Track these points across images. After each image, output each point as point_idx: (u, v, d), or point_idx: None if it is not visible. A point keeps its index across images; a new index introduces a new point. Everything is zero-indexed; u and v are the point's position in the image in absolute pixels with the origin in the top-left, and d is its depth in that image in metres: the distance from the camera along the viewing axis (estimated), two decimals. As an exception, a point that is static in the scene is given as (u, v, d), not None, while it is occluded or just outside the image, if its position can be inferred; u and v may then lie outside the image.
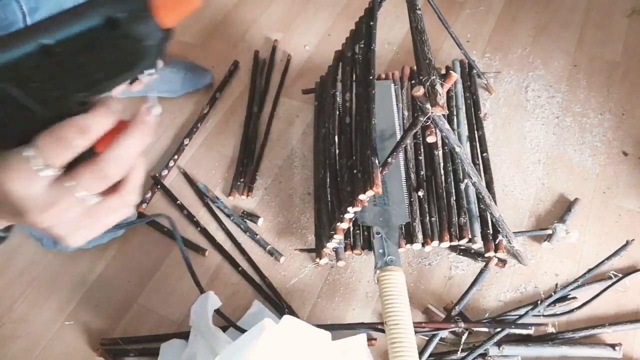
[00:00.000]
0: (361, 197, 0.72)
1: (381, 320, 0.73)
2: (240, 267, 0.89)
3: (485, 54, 1.18)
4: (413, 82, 1.03)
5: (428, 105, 0.60)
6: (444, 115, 0.63)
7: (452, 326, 0.78)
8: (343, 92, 0.93)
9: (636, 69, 1.14)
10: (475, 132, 0.97)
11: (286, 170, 1.02)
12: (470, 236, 0.84)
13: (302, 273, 0.90)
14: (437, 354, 0.79)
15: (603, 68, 1.14)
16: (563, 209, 0.94)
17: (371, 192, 0.70)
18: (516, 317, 0.80)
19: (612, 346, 0.78)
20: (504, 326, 0.78)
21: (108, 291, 0.88)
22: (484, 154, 0.95)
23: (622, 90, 1.10)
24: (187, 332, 0.76)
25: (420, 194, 0.88)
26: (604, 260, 0.86)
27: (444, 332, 0.79)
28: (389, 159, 0.70)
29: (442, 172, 0.90)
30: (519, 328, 0.78)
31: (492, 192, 0.89)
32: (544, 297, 0.83)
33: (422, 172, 0.90)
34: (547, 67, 1.15)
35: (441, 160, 0.92)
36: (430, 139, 0.66)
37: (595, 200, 0.96)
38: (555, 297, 0.81)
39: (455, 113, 0.98)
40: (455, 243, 0.84)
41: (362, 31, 0.89)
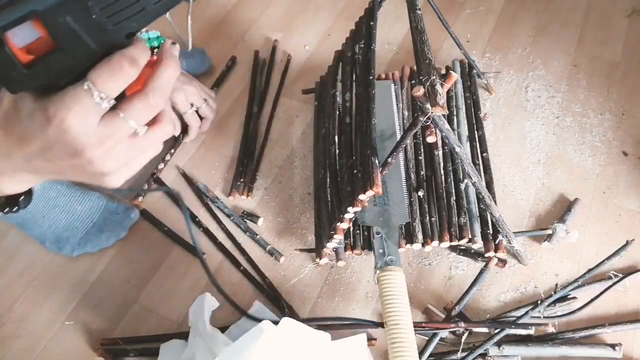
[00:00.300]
0: (361, 197, 0.72)
1: (381, 320, 0.73)
2: (242, 267, 0.89)
3: (485, 54, 1.18)
4: (413, 82, 1.03)
5: (428, 105, 0.60)
6: (444, 115, 0.63)
7: (452, 326, 0.78)
8: (343, 92, 0.93)
9: (636, 69, 1.14)
10: (475, 132, 0.97)
11: (286, 170, 1.02)
12: (470, 236, 0.84)
13: (302, 273, 0.90)
14: (437, 354, 0.79)
15: (603, 68, 1.14)
16: (563, 209, 0.94)
17: (371, 192, 0.70)
18: (516, 317, 0.80)
19: (612, 346, 0.78)
20: (504, 326, 0.78)
21: (108, 291, 0.88)
22: (484, 154, 0.95)
23: (622, 90, 1.10)
24: (186, 332, 0.76)
25: (420, 194, 0.88)
26: (604, 260, 0.86)
27: (444, 332, 0.79)
28: (389, 159, 0.70)
29: (442, 172, 0.90)
30: (519, 328, 0.78)
31: (492, 192, 0.89)
32: (544, 297, 0.83)
33: (422, 172, 0.90)
34: (547, 67, 1.15)
35: (441, 160, 0.92)
36: (430, 139, 0.66)
37: (595, 200, 0.96)
38: (555, 297, 0.81)
39: (455, 113, 0.98)
40: (455, 243, 0.84)
41: (362, 31, 0.89)
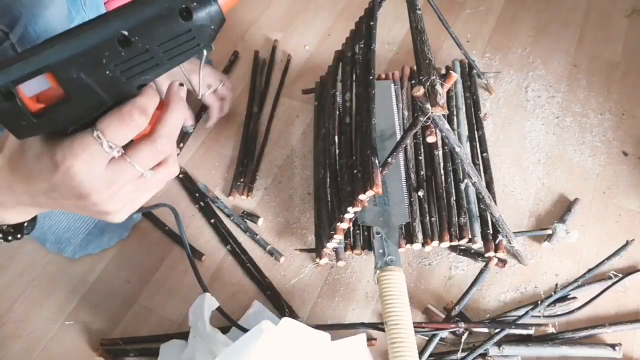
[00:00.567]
0: (361, 197, 0.72)
1: (381, 320, 0.73)
2: (247, 264, 0.89)
3: (485, 54, 1.18)
4: (413, 82, 1.03)
5: (428, 105, 0.60)
6: (444, 115, 0.63)
7: (452, 326, 0.78)
8: (343, 92, 0.93)
9: (636, 69, 1.14)
10: (475, 132, 0.97)
11: (286, 170, 1.02)
12: (470, 236, 0.84)
13: (302, 273, 0.90)
14: (437, 354, 0.79)
15: (603, 68, 1.14)
16: (563, 209, 0.94)
17: (371, 192, 0.70)
18: (516, 317, 0.80)
19: (612, 346, 0.78)
20: (504, 326, 0.78)
21: (108, 291, 0.89)
22: (484, 154, 0.95)
23: (622, 90, 1.10)
24: (187, 332, 0.76)
25: (420, 194, 0.88)
26: (604, 260, 0.86)
27: (444, 332, 0.79)
28: (389, 159, 0.70)
29: (442, 172, 0.90)
30: (519, 328, 0.78)
31: (492, 192, 0.89)
32: (544, 297, 0.83)
33: (422, 172, 0.90)
34: (547, 67, 1.15)
35: (441, 160, 0.92)
36: (430, 139, 0.66)
37: (595, 200, 0.96)
38: (555, 297, 0.81)
39: (455, 113, 0.98)
40: (455, 243, 0.84)
41: (362, 31, 0.89)
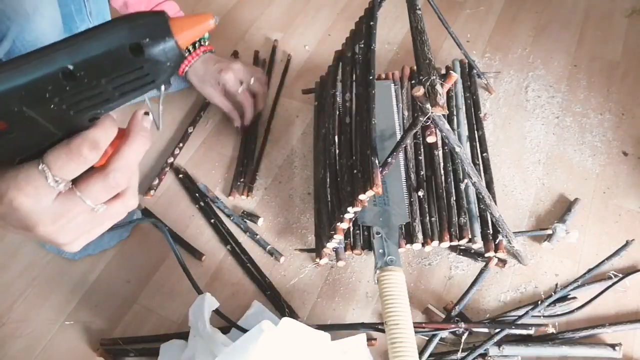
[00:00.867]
0: (361, 197, 0.72)
1: (381, 320, 0.73)
2: (247, 264, 0.89)
3: (485, 54, 1.18)
4: (413, 82, 1.03)
5: (428, 105, 0.60)
6: (444, 115, 0.63)
7: (452, 326, 0.78)
8: (343, 92, 0.93)
9: (636, 69, 1.14)
10: (475, 132, 0.97)
11: (286, 170, 1.02)
12: (470, 236, 0.84)
13: (302, 273, 0.90)
14: (437, 354, 0.79)
15: (603, 68, 1.14)
16: (563, 209, 0.94)
17: (371, 192, 0.70)
18: (516, 317, 0.80)
19: (612, 346, 0.78)
20: (504, 326, 0.78)
21: (108, 291, 0.88)
22: (484, 154, 0.95)
23: (622, 90, 1.10)
24: (187, 332, 0.76)
25: (420, 194, 0.88)
26: (604, 260, 0.86)
27: (444, 332, 0.79)
28: (389, 159, 0.70)
29: (442, 172, 0.90)
30: (519, 328, 0.78)
31: (492, 192, 0.89)
32: (544, 297, 0.83)
33: (422, 172, 0.90)
34: (547, 67, 1.15)
35: (441, 160, 0.92)
36: (430, 139, 0.66)
37: (595, 200, 0.96)
38: (555, 297, 0.81)
39: (455, 113, 0.98)
40: (455, 243, 0.84)
41: (362, 31, 0.89)
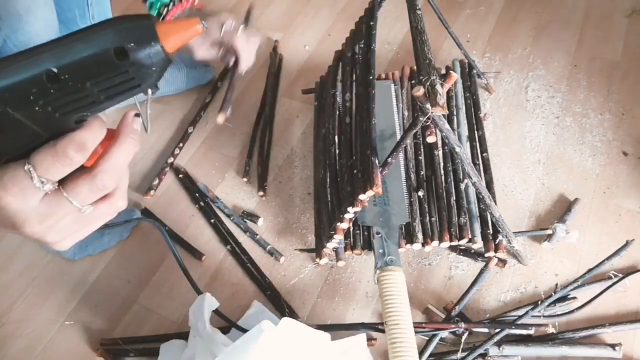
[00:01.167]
0: (361, 197, 0.71)
1: (381, 320, 0.73)
2: (247, 264, 0.89)
3: (485, 54, 1.18)
4: (413, 82, 1.03)
5: (428, 105, 0.60)
6: (444, 115, 0.63)
7: (452, 326, 0.78)
8: (343, 92, 0.93)
9: (636, 69, 1.14)
10: (475, 132, 0.97)
11: (286, 170, 1.02)
12: (470, 236, 0.84)
13: (302, 273, 0.90)
14: (437, 354, 0.79)
15: (603, 68, 1.14)
16: (563, 209, 0.94)
17: (371, 192, 0.70)
18: (516, 317, 0.80)
19: (612, 346, 0.78)
20: (504, 326, 0.78)
21: (108, 291, 0.89)
22: (484, 154, 0.95)
23: (622, 90, 1.10)
24: (187, 332, 0.76)
25: (420, 194, 0.88)
26: (604, 260, 0.86)
27: (444, 332, 0.79)
28: (389, 159, 0.70)
29: (442, 172, 0.90)
30: (519, 328, 0.78)
31: (492, 192, 0.89)
32: (544, 297, 0.83)
33: (422, 172, 0.90)
34: (547, 67, 1.15)
35: (441, 160, 0.92)
36: (430, 139, 0.66)
37: (595, 200, 0.96)
38: (555, 297, 0.81)
39: (455, 113, 0.98)
40: (455, 243, 0.84)
41: (362, 31, 0.89)
